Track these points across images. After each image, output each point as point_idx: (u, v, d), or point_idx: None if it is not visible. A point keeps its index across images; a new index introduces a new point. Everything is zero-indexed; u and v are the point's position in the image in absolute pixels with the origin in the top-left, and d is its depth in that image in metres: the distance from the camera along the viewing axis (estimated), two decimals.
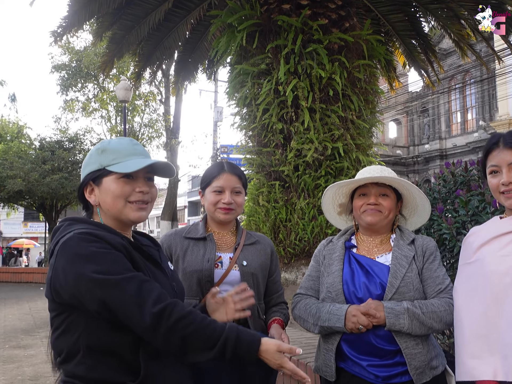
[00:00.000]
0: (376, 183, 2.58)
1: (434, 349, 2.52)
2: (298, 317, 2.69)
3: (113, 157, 1.95)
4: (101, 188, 1.95)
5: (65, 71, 29.01)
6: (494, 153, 2.28)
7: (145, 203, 1.99)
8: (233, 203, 2.85)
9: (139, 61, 11.55)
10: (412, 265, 2.53)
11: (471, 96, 36.26)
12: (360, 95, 7.67)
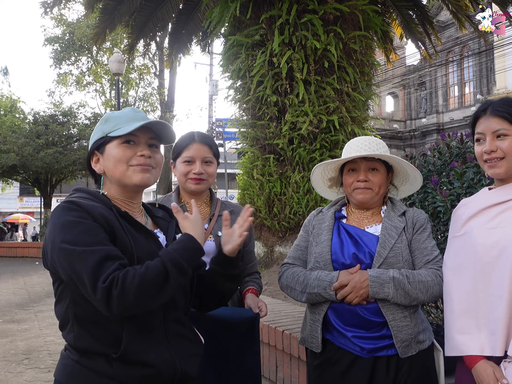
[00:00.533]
0: (365, 158, 2.51)
1: (421, 323, 2.49)
2: (285, 286, 2.64)
3: (115, 123, 1.96)
4: (105, 155, 1.96)
5: (58, 44, 28.69)
6: (481, 120, 2.21)
7: (148, 166, 1.96)
8: (204, 173, 2.81)
9: (132, 33, 11.35)
10: (401, 236, 2.49)
11: (469, 69, 36.06)
12: (355, 67, 7.55)
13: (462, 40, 32.68)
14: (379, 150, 2.51)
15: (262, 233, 7.74)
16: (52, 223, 1.78)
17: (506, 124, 2.14)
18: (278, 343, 4.01)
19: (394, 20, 10.58)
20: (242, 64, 7.67)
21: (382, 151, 2.53)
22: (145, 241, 1.90)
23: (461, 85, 36.98)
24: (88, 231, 1.74)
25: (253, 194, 7.72)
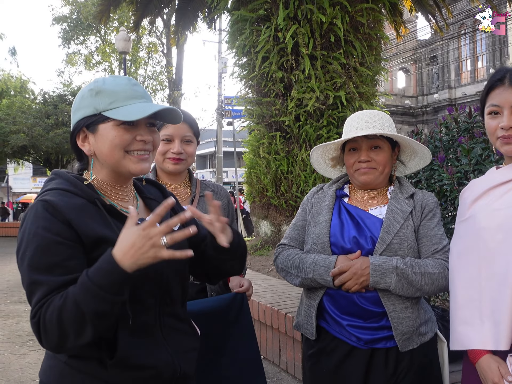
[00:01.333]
0: (366, 136, 2.31)
1: (424, 314, 2.33)
2: (280, 269, 2.49)
3: (111, 100, 1.69)
4: (97, 135, 1.70)
5: (66, 23, 28.54)
6: (497, 91, 1.97)
7: (147, 153, 1.76)
8: (183, 152, 2.65)
9: (137, 10, 11.19)
10: (408, 220, 2.30)
11: (482, 42, 35.42)
12: (363, 41, 7.34)
13: (474, 13, 32.08)
14: (381, 126, 2.32)
15: (269, 212, 7.64)
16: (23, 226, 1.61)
17: None
18: (281, 326, 3.92)
19: None
20: (247, 40, 7.49)
21: (385, 126, 2.33)
22: None
23: (473, 59, 36.38)
24: (46, 251, 1.54)
25: (259, 172, 7.60)
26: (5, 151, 24.08)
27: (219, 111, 26.47)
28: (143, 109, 1.69)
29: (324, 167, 2.65)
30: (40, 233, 1.55)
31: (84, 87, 1.79)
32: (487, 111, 2.02)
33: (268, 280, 5.15)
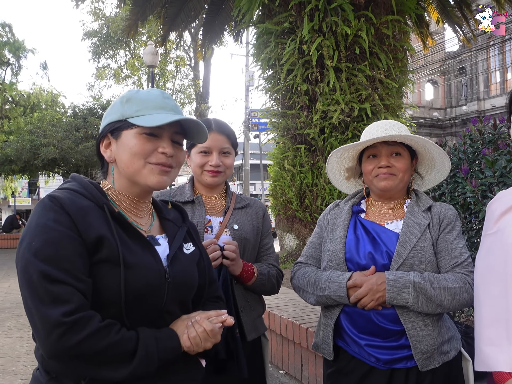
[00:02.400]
0: (386, 142, 2.27)
1: (447, 331, 2.24)
2: (297, 288, 2.45)
3: (138, 108, 1.67)
4: (119, 142, 1.68)
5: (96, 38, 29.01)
6: None
7: (168, 167, 1.71)
8: (221, 165, 2.63)
9: (164, 24, 11.32)
10: (425, 234, 2.23)
11: (511, 53, 35.01)
12: (388, 52, 7.31)
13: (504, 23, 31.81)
14: (402, 133, 2.28)
15: (294, 225, 7.61)
16: (30, 220, 1.56)
17: None
18: (302, 341, 3.88)
19: (430, 3, 10.26)
20: (272, 53, 7.52)
21: (406, 133, 2.30)
22: (140, 250, 1.65)
23: (503, 70, 35.95)
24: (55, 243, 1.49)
25: (284, 185, 7.59)
26: (35, 164, 24.43)
27: (246, 124, 26.59)
28: (166, 117, 1.66)
29: (338, 178, 2.61)
30: (50, 225, 1.51)
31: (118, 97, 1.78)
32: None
33: (291, 294, 5.12)
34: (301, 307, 4.42)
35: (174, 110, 1.72)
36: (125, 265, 1.56)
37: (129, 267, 1.57)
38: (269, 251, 2.83)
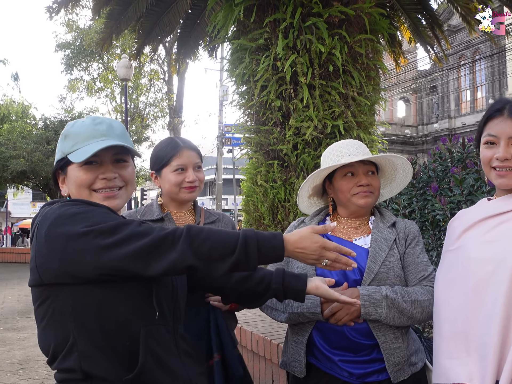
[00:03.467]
0: (362, 161, 2.35)
1: (414, 343, 2.32)
2: (264, 306, 2.46)
3: (73, 142, 1.77)
4: (67, 177, 1.81)
5: (69, 50, 28.85)
6: (496, 121, 1.95)
7: (114, 190, 1.79)
8: (196, 180, 2.68)
9: (139, 38, 11.29)
10: (393, 249, 2.31)
11: (481, 73, 35.81)
12: (361, 70, 7.40)
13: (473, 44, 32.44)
14: (369, 153, 2.39)
15: None
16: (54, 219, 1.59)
17: None
18: (273, 357, 3.87)
19: (402, 23, 10.43)
20: (246, 69, 7.55)
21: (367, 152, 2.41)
22: None
23: (473, 90, 36.71)
24: (107, 214, 1.64)
25: (257, 200, 7.59)
26: (4, 176, 24.15)
27: (219, 139, 26.61)
28: (93, 148, 1.73)
29: (303, 195, 2.64)
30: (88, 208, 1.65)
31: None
32: (483, 140, 2.01)
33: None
34: (272, 322, 4.41)
35: (105, 135, 1.78)
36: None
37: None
38: None
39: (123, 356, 1.59)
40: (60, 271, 1.57)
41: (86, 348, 1.57)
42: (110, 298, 1.60)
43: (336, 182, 2.43)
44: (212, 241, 1.59)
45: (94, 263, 1.54)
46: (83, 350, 1.56)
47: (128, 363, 1.58)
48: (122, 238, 1.55)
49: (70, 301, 1.59)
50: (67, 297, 1.59)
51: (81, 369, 1.56)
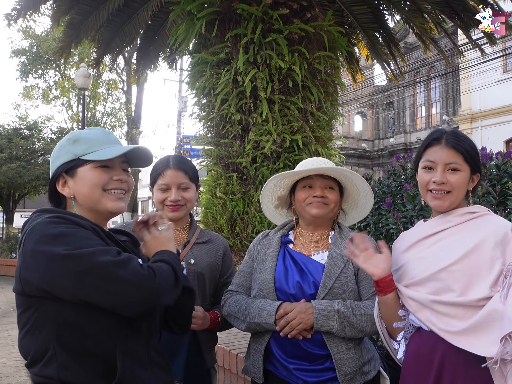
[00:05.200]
0: (321, 175, 2.46)
1: (367, 353, 2.42)
2: (228, 315, 2.57)
3: (87, 146, 1.88)
4: (76, 178, 1.87)
5: (25, 57, 28.36)
6: (434, 148, 2.20)
7: (123, 192, 1.93)
8: (180, 199, 2.73)
9: (98, 47, 11.25)
10: (348, 265, 2.41)
11: (436, 90, 36.69)
12: (320, 87, 7.57)
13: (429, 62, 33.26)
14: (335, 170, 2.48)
15: None
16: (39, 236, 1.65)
17: (460, 159, 2.14)
18: (232, 367, 3.94)
19: (360, 41, 10.68)
20: (207, 82, 7.63)
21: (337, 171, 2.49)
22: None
23: (428, 106, 37.57)
24: (89, 237, 1.69)
25: (215, 212, 7.65)
26: None
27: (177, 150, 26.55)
28: (117, 149, 1.87)
29: (268, 204, 2.75)
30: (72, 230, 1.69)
31: (62, 140, 1.96)
32: (422, 165, 2.24)
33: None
34: (231, 333, 4.47)
35: (117, 142, 1.96)
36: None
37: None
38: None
39: (101, 368, 1.67)
40: (41, 288, 1.65)
41: (65, 360, 1.64)
42: (88, 315, 1.67)
43: (296, 193, 2.55)
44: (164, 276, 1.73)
45: (72, 288, 1.61)
46: (62, 361, 1.64)
47: (106, 375, 1.66)
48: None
49: (51, 314, 1.66)
50: (48, 310, 1.67)
51: (60, 378, 1.63)
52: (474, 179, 2.20)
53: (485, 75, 26.20)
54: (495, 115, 27.91)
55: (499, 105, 27.64)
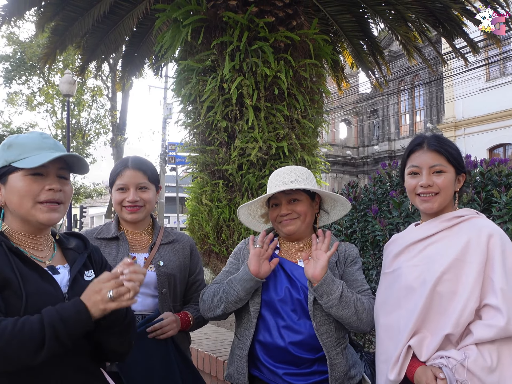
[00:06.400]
0: (283, 191, 2.49)
1: (352, 357, 2.46)
2: (205, 310, 2.55)
3: (19, 152, 1.78)
4: (7, 186, 1.79)
5: (8, 63, 28.20)
6: (417, 153, 2.26)
7: (56, 203, 1.82)
8: (139, 200, 2.70)
9: (83, 54, 11.20)
10: (334, 270, 2.46)
11: (420, 98, 37.02)
12: (305, 94, 7.60)
13: (413, 70, 33.53)
14: (298, 180, 2.49)
15: (210, 259, 7.65)
16: None
17: (443, 160, 2.20)
18: (219, 374, 3.93)
19: (345, 49, 10.75)
20: (193, 89, 7.62)
21: (302, 179, 2.50)
22: (39, 280, 1.72)
23: (412, 114, 37.87)
24: None
25: (201, 219, 7.64)
26: None
27: (162, 157, 26.49)
28: (46, 156, 1.77)
29: (256, 224, 2.78)
30: None
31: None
32: (407, 171, 2.29)
33: (207, 328, 5.15)
34: (217, 340, 4.47)
35: (53, 148, 1.83)
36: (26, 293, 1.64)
37: (29, 295, 1.65)
38: (200, 287, 2.91)
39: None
40: None
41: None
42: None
43: (269, 212, 2.60)
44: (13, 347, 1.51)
45: None
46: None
47: None
48: None
49: None
50: None
51: None
52: (460, 180, 2.26)
53: (468, 83, 26.48)
54: (478, 123, 28.20)
55: (483, 113, 27.92)
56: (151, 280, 2.63)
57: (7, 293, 1.62)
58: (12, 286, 1.63)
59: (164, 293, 2.66)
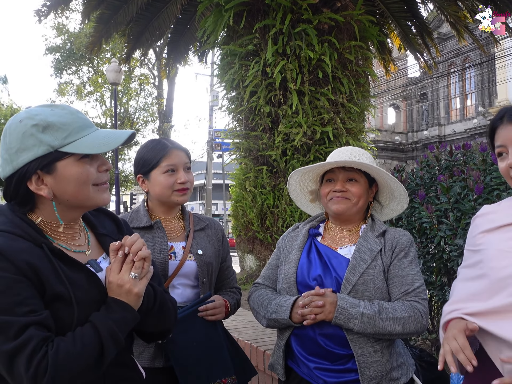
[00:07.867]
0: (343, 167, 2.32)
1: (397, 357, 2.23)
2: (252, 309, 2.48)
3: (64, 134, 1.55)
4: (57, 175, 1.56)
5: (59, 53, 28.76)
6: (499, 131, 1.87)
7: (107, 183, 1.71)
8: (188, 181, 2.58)
9: (128, 42, 11.27)
10: (376, 260, 2.24)
11: (471, 80, 35.99)
12: (351, 77, 7.41)
13: (463, 52, 32.63)
14: (360, 160, 2.32)
15: (254, 246, 7.59)
16: None
17: None
18: (259, 364, 3.85)
19: (392, 31, 10.46)
20: (235, 74, 7.54)
21: (364, 160, 2.33)
22: (85, 283, 1.59)
23: (463, 97, 36.88)
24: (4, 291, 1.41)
25: (245, 206, 7.58)
26: None
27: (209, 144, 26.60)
28: (105, 139, 1.63)
29: (302, 200, 2.64)
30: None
31: (18, 122, 1.58)
32: (496, 153, 1.91)
33: (249, 316, 5.07)
34: (259, 329, 4.39)
35: (90, 124, 1.67)
36: (77, 303, 1.53)
37: (79, 303, 1.54)
38: (231, 273, 2.82)
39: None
40: None
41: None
42: None
43: (321, 187, 2.43)
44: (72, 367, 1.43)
45: None
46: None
47: None
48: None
49: None
50: None
51: None
52: None
53: None
54: None
55: None
56: (191, 270, 2.52)
57: (57, 306, 1.50)
58: (63, 299, 1.51)
59: (204, 283, 2.56)
